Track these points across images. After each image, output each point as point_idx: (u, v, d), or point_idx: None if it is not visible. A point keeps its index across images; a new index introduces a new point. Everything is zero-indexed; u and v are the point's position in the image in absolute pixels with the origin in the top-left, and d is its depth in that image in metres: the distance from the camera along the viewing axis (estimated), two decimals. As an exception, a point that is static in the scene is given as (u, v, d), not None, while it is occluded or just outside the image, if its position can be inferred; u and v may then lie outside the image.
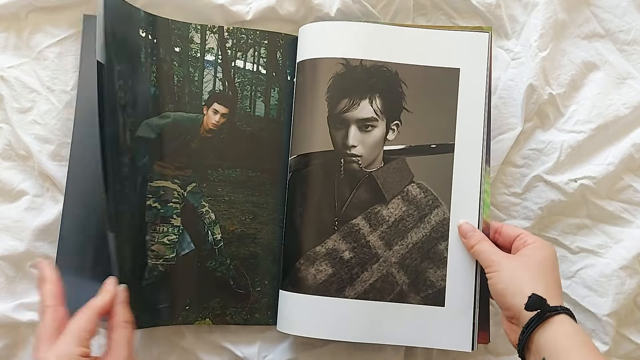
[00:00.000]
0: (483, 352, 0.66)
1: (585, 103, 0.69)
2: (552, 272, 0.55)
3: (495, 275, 0.55)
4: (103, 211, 0.57)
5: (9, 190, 0.65)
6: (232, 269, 0.65)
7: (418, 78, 0.63)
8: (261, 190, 0.66)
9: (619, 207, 0.68)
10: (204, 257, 0.65)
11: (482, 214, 0.62)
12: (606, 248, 0.67)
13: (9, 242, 0.63)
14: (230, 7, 0.68)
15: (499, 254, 0.57)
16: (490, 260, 0.56)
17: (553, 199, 0.67)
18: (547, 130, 0.69)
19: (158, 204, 0.64)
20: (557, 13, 0.69)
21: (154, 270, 0.63)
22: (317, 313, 0.61)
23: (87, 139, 0.64)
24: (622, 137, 0.68)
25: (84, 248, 0.63)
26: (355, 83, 0.63)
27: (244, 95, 0.67)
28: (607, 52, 0.70)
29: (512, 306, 0.53)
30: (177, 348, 0.65)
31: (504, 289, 0.54)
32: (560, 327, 0.50)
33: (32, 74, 0.66)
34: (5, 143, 0.65)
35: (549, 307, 0.51)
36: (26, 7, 0.67)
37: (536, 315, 0.51)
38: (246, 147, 0.67)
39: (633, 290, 0.65)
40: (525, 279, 0.53)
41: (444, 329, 0.60)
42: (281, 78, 0.68)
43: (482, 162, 0.62)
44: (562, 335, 0.50)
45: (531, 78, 0.67)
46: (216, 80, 0.67)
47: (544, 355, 0.49)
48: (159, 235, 0.64)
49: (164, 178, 0.65)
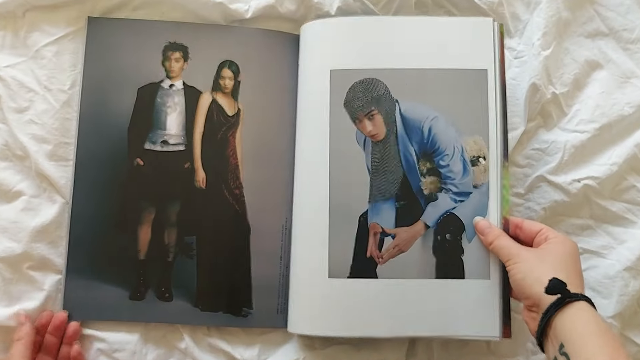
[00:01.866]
0: (485, 352, 0.65)
1: (589, 102, 0.68)
2: (573, 265, 0.55)
3: (514, 267, 0.56)
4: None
5: (6, 191, 0.64)
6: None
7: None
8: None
9: (622, 208, 0.67)
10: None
11: (501, 209, 0.62)
12: (610, 249, 0.66)
13: (6, 243, 0.63)
14: (229, 5, 0.67)
15: (518, 247, 0.57)
16: (510, 254, 0.57)
17: (556, 199, 0.66)
18: (550, 130, 0.68)
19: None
20: (560, 11, 0.68)
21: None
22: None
23: (93, 141, 0.65)
24: (625, 136, 0.68)
25: (94, 251, 0.64)
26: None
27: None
28: (611, 50, 0.70)
29: (532, 294, 0.53)
30: (175, 350, 0.64)
31: (523, 279, 0.54)
32: (579, 313, 0.50)
33: (29, 73, 0.66)
34: (2, 143, 0.65)
35: (569, 293, 0.51)
36: (23, 6, 0.66)
37: (556, 300, 0.51)
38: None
39: (637, 292, 0.64)
40: (544, 269, 0.53)
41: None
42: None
43: (500, 156, 0.62)
44: (581, 322, 0.49)
45: (534, 77, 0.67)
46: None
47: (562, 340, 0.49)
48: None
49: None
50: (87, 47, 0.66)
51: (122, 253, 0.64)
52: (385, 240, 0.62)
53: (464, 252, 0.62)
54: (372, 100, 0.63)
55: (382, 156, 0.63)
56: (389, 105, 0.64)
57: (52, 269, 0.64)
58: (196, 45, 0.67)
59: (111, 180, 0.65)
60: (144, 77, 0.67)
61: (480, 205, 0.62)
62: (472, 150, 0.62)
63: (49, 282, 0.63)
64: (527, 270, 0.54)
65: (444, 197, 0.62)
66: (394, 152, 0.63)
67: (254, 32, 0.68)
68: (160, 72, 0.67)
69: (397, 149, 0.63)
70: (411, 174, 0.63)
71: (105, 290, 0.64)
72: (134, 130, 0.66)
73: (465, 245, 0.62)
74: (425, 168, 0.63)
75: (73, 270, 0.64)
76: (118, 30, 0.67)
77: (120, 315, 0.64)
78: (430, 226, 0.62)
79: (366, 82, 0.64)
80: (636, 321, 0.66)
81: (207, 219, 0.66)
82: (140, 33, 0.67)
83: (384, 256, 0.62)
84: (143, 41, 0.67)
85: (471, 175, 0.62)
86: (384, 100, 0.64)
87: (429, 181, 0.63)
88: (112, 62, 0.66)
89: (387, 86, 0.64)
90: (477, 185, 0.62)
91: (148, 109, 0.66)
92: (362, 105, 0.63)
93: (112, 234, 0.65)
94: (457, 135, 0.63)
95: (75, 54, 0.67)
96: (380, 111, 0.63)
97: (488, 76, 0.63)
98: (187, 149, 0.66)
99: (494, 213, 0.62)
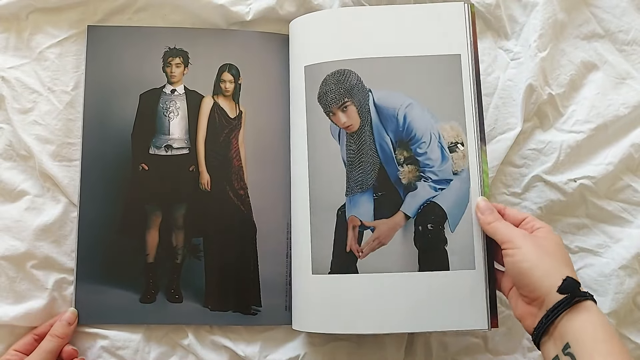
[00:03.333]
0: (482, 350, 0.66)
1: (585, 103, 0.69)
2: (566, 256, 0.54)
3: (517, 252, 0.53)
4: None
5: (10, 190, 0.65)
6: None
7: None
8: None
9: (618, 207, 0.68)
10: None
11: (482, 195, 0.60)
12: (605, 248, 0.67)
13: (9, 242, 0.63)
14: (230, 7, 0.68)
15: (518, 231, 0.55)
16: (511, 236, 0.54)
17: (552, 198, 0.67)
18: (546, 131, 0.69)
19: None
20: (556, 13, 0.69)
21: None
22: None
23: (98, 148, 0.65)
24: (621, 137, 0.68)
25: (103, 255, 0.65)
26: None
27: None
28: (607, 52, 0.70)
29: (540, 287, 0.51)
30: (178, 348, 0.65)
31: (531, 268, 0.51)
32: (588, 314, 0.49)
33: (33, 75, 0.66)
34: (6, 143, 0.66)
35: (580, 292, 0.49)
36: (26, 8, 0.67)
37: (565, 298, 0.49)
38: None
39: (632, 290, 0.65)
40: (552, 262, 0.52)
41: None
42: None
43: (477, 141, 0.61)
44: (590, 324, 0.48)
45: (530, 78, 0.68)
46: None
47: (568, 340, 0.48)
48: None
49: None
50: (87, 55, 0.67)
51: (131, 257, 0.65)
52: (364, 233, 0.61)
53: (447, 242, 0.60)
54: (344, 91, 0.62)
55: (357, 147, 0.62)
56: (362, 95, 0.62)
57: (55, 268, 0.64)
58: (196, 50, 0.68)
59: (117, 185, 0.66)
60: (146, 83, 0.67)
61: (461, 192, 0.60)
62: (449, 137, 0.61)
63: (52, 281, 0.64)
64: (535, 259, 0.52)
65: (424, 185, 0.61)
66: (369, 142, 0.62)
67: (252, 35, 0.69)
68: (161, 77, 0.68)
69: (372, 139, 0.62)
70: (388, 164, 0.62)
71: (116, 295, 0.64)
72: (138, 136, 0.67)
73: (449, 235, 0.60)
74: (403, 157, 0.62)
75: (83, 276, 0.64)
76: (118, 38, 0.67)
77: (132, 319, 0.64)
78: (411, 216, 0.61)
79: (338, 74, 0.63)
80: (631, 319, 0.66)
81: (213, 221, 0.66)
82: (140, 40, 0.68)
83: (364, 250, 0.61)
84: (143, 48, 0.68)
85: (450, 162, 0.61)
86: (356, 90, 0.62)
87: (407, 170, 0.61)
88: (113, 69, 0.67)
89: (360, 76, 0.62)
90: (457, 171, 0.61)
91: (151, 114, 0.67)
92: (335, 97, 0.62)
93: (121, 238, 0.65)
94: (433, 122, 0.61)
95: (78, 56, 0.67)
96: (353, 102, 0.62)
97: (462, 61, 0.62)
98: (191, 153, 0.67)
99: (475, 199, 0.60)
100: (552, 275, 0.50)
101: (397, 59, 0.63)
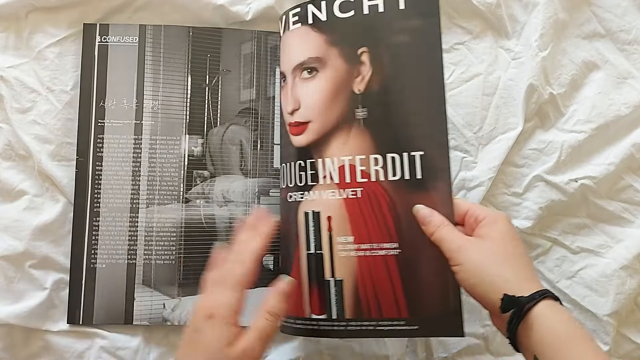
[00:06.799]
0: (483, 351, 0.66)
1: (586, 103, 0.69)
2: (514, 249, 0.50)
3: (460, 269, 0.50)
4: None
5: (9, 190, 0.65)
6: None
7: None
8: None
9: (619, 207, 0.68)
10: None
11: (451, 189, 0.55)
12: (607, 248, 0.67)
13: (8, 241, 0.63)
14: (229, 7, 0.68)
15: (458, 241, 0.51)
16: (450, 251, 0.51)
17: (553, 198, 0.67)
18: (547, 130, 0.69)
19: None
20: (557, 13, 0.69)
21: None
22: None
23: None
24: (622, 136, 0.68)
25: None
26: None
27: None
28: (608, 51, 0.70)
29: (487, 304, 0.49)
30: (177, 349, 0.64)
31: (475, 285, 0.49)
32: (543, 321, 0.46)
33: (32, 74, 0.66)
34: (5, 143, 0.66)
35: (524, 301, 0.46)
36: (26, 7, 0.67)
37: (513, 314, 0.46)
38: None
39: (634, 290, 0.65)
40: (492, 270, 0.48)
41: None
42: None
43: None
44: (547, 331, 0.46)
45: (531, 78, 0.67)
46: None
47: (534, 352, 0.46)
48: None
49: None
50: (83, 54, 0.67)
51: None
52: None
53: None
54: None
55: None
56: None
57: (54, 268, 0.64)
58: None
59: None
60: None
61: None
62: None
63: (50, 281, 0.64)
64: (475, 274, 0.49)
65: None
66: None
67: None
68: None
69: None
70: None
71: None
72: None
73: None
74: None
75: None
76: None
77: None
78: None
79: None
80: (633, 319, 0.66)
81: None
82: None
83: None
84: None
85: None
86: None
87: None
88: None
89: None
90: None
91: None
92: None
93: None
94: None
95: (77, 56, 0.67)
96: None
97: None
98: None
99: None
100: (495, 291, 0.47)
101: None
